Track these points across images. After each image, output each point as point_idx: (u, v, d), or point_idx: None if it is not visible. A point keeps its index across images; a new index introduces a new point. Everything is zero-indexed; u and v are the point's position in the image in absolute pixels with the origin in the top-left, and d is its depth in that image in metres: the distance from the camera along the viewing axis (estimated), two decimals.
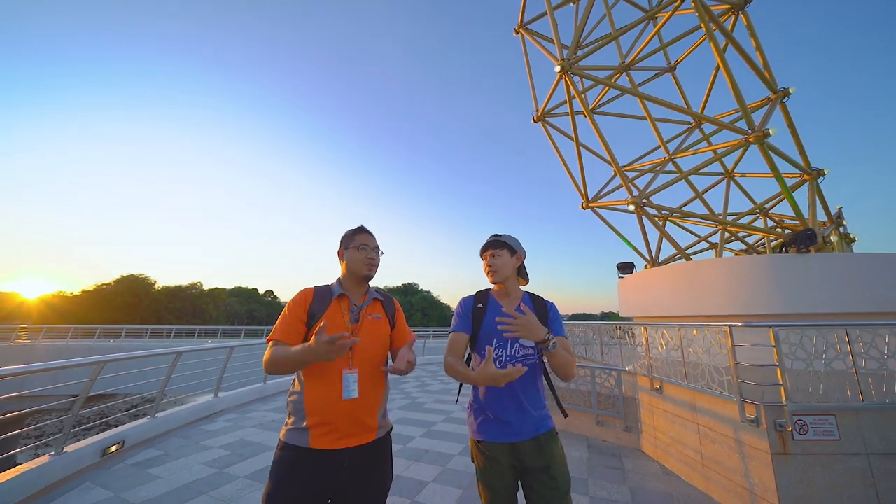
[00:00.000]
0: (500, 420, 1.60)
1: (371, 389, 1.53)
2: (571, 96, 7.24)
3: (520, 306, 1.62)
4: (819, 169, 6.83)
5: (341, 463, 1.42)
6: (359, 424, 1.48)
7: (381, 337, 1.65)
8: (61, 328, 19.16)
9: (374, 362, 1.58)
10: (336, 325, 1.53)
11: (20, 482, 3.12)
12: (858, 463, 2.85)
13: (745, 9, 6.80)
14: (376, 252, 1.71)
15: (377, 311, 1.69)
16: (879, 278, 4.95)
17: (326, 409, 1.44)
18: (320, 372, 1.47)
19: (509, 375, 1.39)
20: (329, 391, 1.45)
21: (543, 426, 1.62)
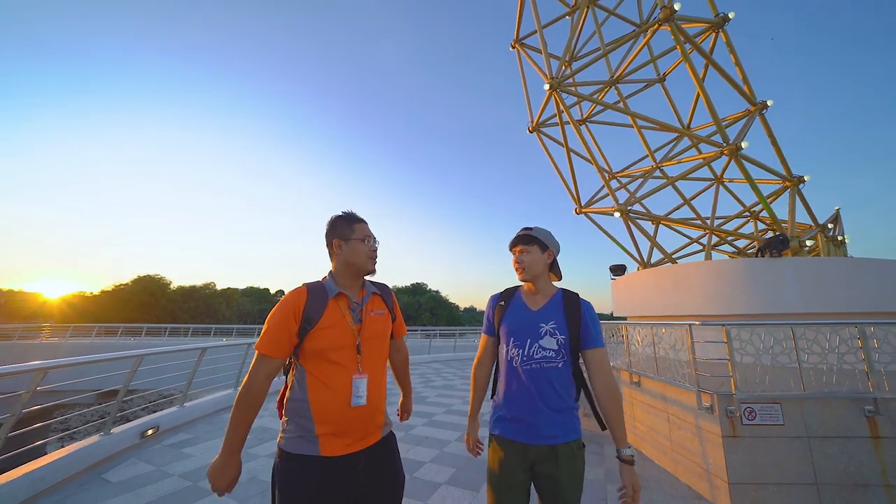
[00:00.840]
0: (514, 418, 1.53)
1: (380, 390, 1.47)
2: (561, 111, 7.64)
3: (623, 485, 1.42)
4: (800, 176, 7.13)
5: (356, 466, 1.35)
6: (370, 426, 1.42)
7: (385, 333, 1.56)
8: (86, 327, 20.21)
9: (381, 361, 1.52)
10: (340, 330, 1.41)
11: (82, 455, 3.70)
12: (800, 445, 3.24)
13: (723, 27, 7.13)
14: (376, 243, 1.58)
15: (379, 305, 1.56)
16: (844, 281, 5.27)
17: (338, 416, 1.34)
18: (330, 379, 1.36)
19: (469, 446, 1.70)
20: (339, 397, 1.35)
21: (564, 435, 1.48)
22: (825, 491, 3.14)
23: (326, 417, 1.33)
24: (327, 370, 1.36)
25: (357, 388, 1.37)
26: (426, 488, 3.46)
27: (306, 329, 1.36)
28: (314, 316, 1.37)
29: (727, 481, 3.17)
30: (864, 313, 4.99)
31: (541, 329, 1.55)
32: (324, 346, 1.37)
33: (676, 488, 3.61)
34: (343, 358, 1.38)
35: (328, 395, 1.34)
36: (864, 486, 3.14)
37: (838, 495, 3.13)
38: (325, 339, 1.37)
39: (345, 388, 1.36)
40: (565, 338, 1.53)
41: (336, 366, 1.37)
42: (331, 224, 1.54)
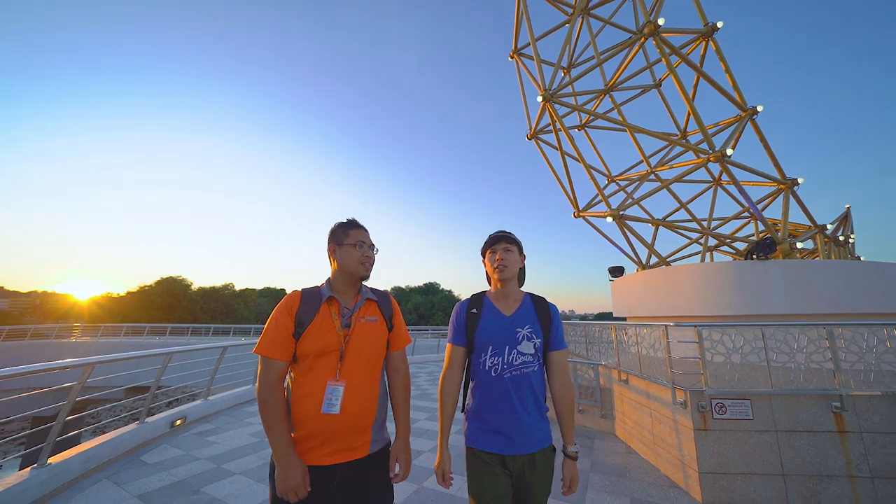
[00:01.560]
0: (494, 430, 1.49)
1: (363, 401, 1.39)
2: (554, 121, 7.91)
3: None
4: (793, 178, 7.20)
5: (331, 479, 1.32)
6: (350, 439, 1.36)
7: (376, 342, 1.50)
8: (115, 327, 21.42)
9: (367, 371, 1.44)
10: (326, 334, 1.40)
11: (123, 440, 4.21)
12: (768, 438, 3.48)
13: (712, 36, 7.25)
14: (372, 250, 1.57)
15: (372, 312, 1.54)
16: (828, 283, 5.39)
17: (311, 421, 1.32)
18: (307, 381, 1.35)
19: (444, 478, 1.53)
20: (314, 403, 1.32)
21: (541, 442, 1.50)
22: (791, 481, 3.37)
23: (303, 422, 1.31)
24: (309, 375, 1.35)
25: (329, 395, 1.32)
26: (423, 473, 3.83)
27: (299, 332, 1.37)
28: (305, 319, 1.39)
29: (697, 471, 3.43)
30: (850, 314, 5.11)
31: (518, 334, 1.54)
32: (310, 350, 1.36)
33: (656, 478, 3.88)
34: (325, 363, 1.36)
35: (305, 400, 1.32)
36: (828, 478, 3.35)
37: (803, 485, 3.35)
38: (312, 342, 1.36)
39: (317, 394, 1.32)
40: (540, 341, 1.54)
41: (317, 371, 1.35)
42: (331, 230, 1.58)
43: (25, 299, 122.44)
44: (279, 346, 1.35)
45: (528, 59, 9.10)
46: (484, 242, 1.72)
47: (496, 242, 1.66)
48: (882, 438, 3.39)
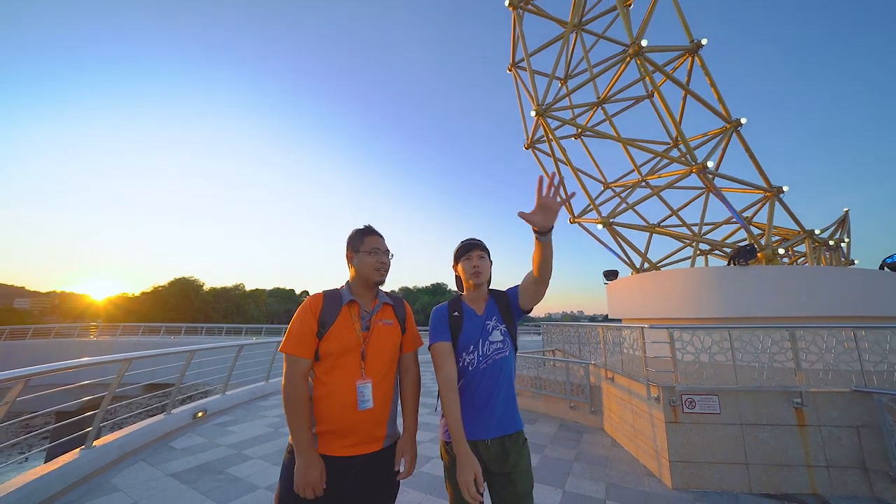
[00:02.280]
0: (468, 416, 1.57)
1: (381, 398, 1.49)
2: (547, 133, 8.27)
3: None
4: (779, 186, 7.45)
5: (349, 470, 1.40)
6: (369, 434, 1.45)
7: (393, 343, 1.61)
8: (133, 326, 22.29)
9: (386, 370, 1.55)
10: (347, 335, 1.49)
11: (153, 429, 4.71)
12: (734, 430, 3.81)
13: (698, 52, 7.54)
14: (387, 256, 1.65)
15: (388, 315, 1.64)
16: (803, 288, 5.66)
17: (338, 418, 1.40)
18: (332, 382, 1.43)
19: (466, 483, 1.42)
20: (341, 401, 1.41)
21: (511, 426, 1.60)
22: (754, 469, 3.71)
23: (326, 418, 1.40)
24: (331, 374, 1.43)
25: (362, 393, 1.42)
26: (420, 460, 4.25)
27: (321, 332, 1.45)
28: (328, 320, 1.47)
29: (669, 460, 3.79)
30: (820, 317, 5.38)
31: (487, 326, 1.68)
32: (332, 350, 1.45)
33: (634, 467, 4.24)
34: (348, 362, 1.45)
35: (329, 398, 1.41)
36: (788, 467, 3.68)
37: (765, 473, 3.69)
38: (334, 342, 1.45)
39: (344, 392, 1.41)
40: (504, 327, 1.68)
41: (340, 370, 1.44)
42: (349, 236, 1.65)
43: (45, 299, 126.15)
44: (304, 344, 1.43)
45: (526, 72, 9.47)
46: (456, 249, 1.80)
47: (470, 250, 1.74)
48: (838, 431, 3.71)
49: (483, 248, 1.76)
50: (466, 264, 1.73)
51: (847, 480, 3.60)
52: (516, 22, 9.08)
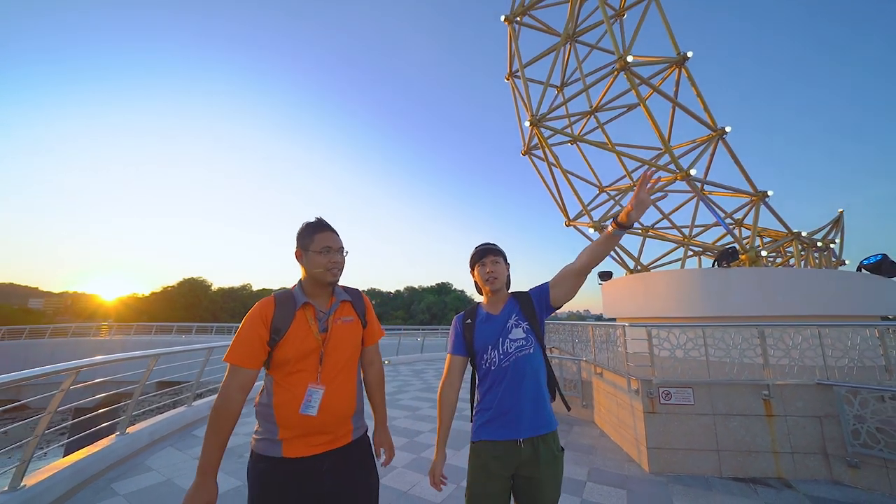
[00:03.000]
0: (497, 416, 1.56)
1: (343, 398, 1.46)
2: (541, 141, 8.64)
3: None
4: (763, 191, 7.74)
5: (320, 468, 1.38)
6: (334, 432, 1.43)
7: (353, 341, 1.57)
8: (146, 326, 23.03)
9: (347, 370, 1.51)
10: (304, 339, 1.44)
11: (177, 418, 5.17)
12: (707, 420, 4.16)
13: (684, 64, 7.84)
14: (341, 253, 1.55)
15: (347, 313, 1.58)
16: (780, 288, 5.96)
17: (298, 423, 1.37)
18: (290, 384, 1.39)
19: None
20: (297, 404, 1.37)
21: (544, 426, 1.55)
22: (724, 456, 4.05)
23: (288, 423, 1.35)
24: (291, 378, 1.39)
25: (309, 398, 1.37)
26: (421, 446, 4.65)
27: (275, 339, 1.38)
28: (282, 327, 1.40)
29: (646, 446, 4.15)
30: (798, 316, 5.68)
31: (507, 324, 1.65)
32: (289, 356, 1.39)
33: (617, 454, 4.60)
34: (306, 366, 1.41)
35: (291, 403, 1.36)
36: (756, 453, 4.02)
37: (735, 459, 4.03)
38: (290, 349, 1.40)
39: (302, 395, 1.37)
40: (527, 324, 1.65)
41: (299, 374, 1.40)
42: (297, 232, 1.53)
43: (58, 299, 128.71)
44: (250, 354, 1.37)
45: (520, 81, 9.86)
46: (471, 255, 1.80)
47: (484, 256, 1.74)
48: (802, 421, 4.05)
49: (497, 253, 1.75)
50: (481, 270, 1.73)
51: (809, 465, 3.94)
52: (512, 35, 9.48)
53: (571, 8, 8.80)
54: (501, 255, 1.76)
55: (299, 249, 1.52)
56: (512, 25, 9.66)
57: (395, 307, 69.82)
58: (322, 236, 1.50)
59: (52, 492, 3.09)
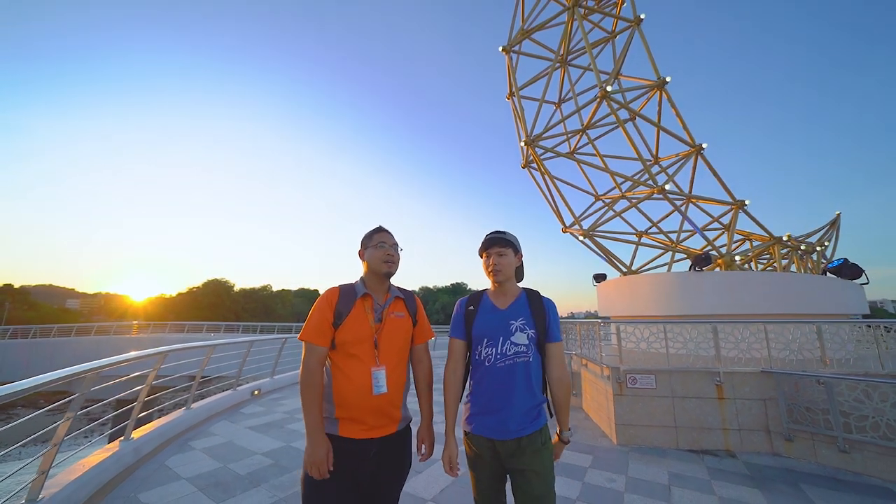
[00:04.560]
0: (485, 414, 1.60)
1: (394, 384, 1.58)
2: (535, 160, 9.48)
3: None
4: (742, 200, 8.34)
5: (369, 451, 1.52)
6: (385, 417, 1.56)
7: (404, 334, 1.69)
8: (179, 324, 24.84)
9: (398, 358, 1.63)
10: (361, 325, 1.58)
11: (226, 399, 6.25)
12: (666, 401, 4.92)
13: (664, 87, 8.49)
14: (395, 249, 1.73)
15: (400, 308, 1.72)
16: (746, 290, 6.60)
17: (355, 403, 1.51)
18: (349, 369, 1.53)
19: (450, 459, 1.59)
20: (357, 386, 1.51)
21: (528, 427, 1.56)
22: (681, 431, 4.81)
23: (344, 403, 1.51)
24: (348, 362, 1.54)
25: (377, 379, 1.52)
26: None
27: (337, 323, 1.55)
28: (343, 311, 1.57)
29: (615, 423, 4.94)
30: (758, 315, 6.29)
31: (511, 326, 1.63)
32: (347, 339, 1.55)
33: (594, 432, 5.39)
34: (362, 352, 1.55)
35: (347, 384, 1.51)
36: (708, 429, 4.77)
37: (690, 434, 4.79)
38: (349, 332, 1.56)
39: (360, 378, 1.51)
40: (534, 332, 1.62)
41: (355, 358, 1.54)
42: (363, 237, 1.79)
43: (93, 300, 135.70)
44: (321, 333, 1.55)
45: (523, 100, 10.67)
46: (481, 243, 1.77)
47: (489, 247, 1.72)
48: (749, 403, 4.77)
49: (504, 244, 1.71)
50: (485, 262, 1.73)
51: (753, 440, 4.67)
52: (509, 65, 10.32)
53: (564, 34, 9.59)
54: (510, 246, 1.71)
55: (362, 249, 1.76)
56: (509, 55, 10.52)
57: None
58: (379, 235, 1.75)
59: (152, 442, 4.19)
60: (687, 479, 3.84)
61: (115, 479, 3.49)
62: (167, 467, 3.79)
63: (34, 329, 22.14)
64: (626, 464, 4.23)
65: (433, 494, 3.32)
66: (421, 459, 1.70)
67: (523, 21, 10.36)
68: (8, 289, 53.50)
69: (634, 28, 8.65)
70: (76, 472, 3.19)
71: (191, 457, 4.09)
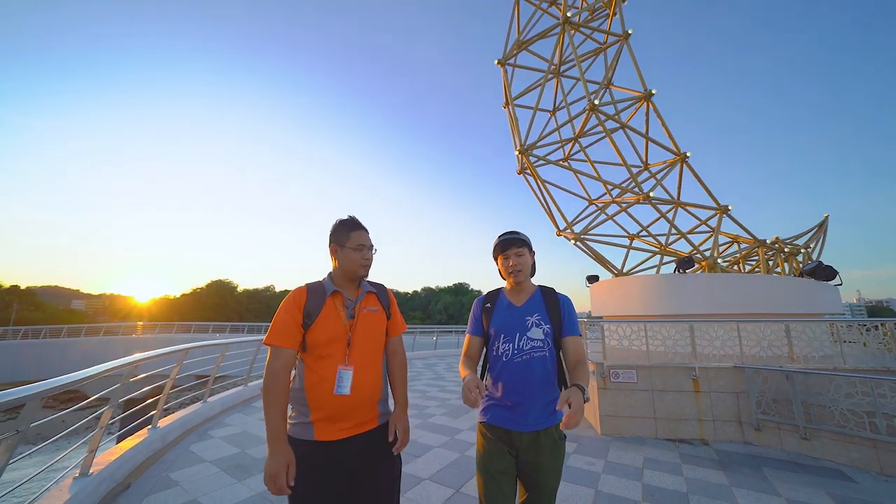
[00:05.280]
0: (504, 407, 1.61)
1: (370, 381, 1.55)
2: (529, 167, 9.95)
3: (567, 403, 1.33)
4: (725, 205, 8.74)
5: (349, 451, 1.48)
6: (362, 415, 1.53)
7: (378, 329, 1.66)
8: (186, 325, 25.37)
9: (372, 355, 1.61)
10: (333, 324, 1.54)
11: (240, 394, 6.69)
12: (647, 394, 5.32)
13: (650, 99, 8.91)
14: (371, 250, 1.67)
15: (372, 303, 1.68)
16: (725, 291, 7.00)
17: (330, 404, 1.46)
18: (322, 370, 1.49)
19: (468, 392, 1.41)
20: (328, 387, 1.47)
21: (546, 421, 1.58)
22: (660, 422, 5.21)
23: (319, 405, 1.47)
24: (321, 362, 1.49)
25: (340, 378, 1.48)
26: (427, 415, 5.98)
27: (308, 323, 1.50)
28: (313, 311, 1.52)
29: (599, 414, 5.35)
30: (736, 314, 6.68)
31: (527, 322, 1.66)
32: (320, 340, 1.51)
33: (582, 423, 5.70)
34: (335, 350, 1.52)
35: (320, 385, 1.47)
36: (684, 420, 5.17)
37: (668, 425, 5.18)
38: (321, 332, 1.51)
39: (333, 378, 1.47)
40: (549, 327, 1.65)
41: (328, 358, 1.50)
42: (333, 228, 1.66)
43: (97, 301, 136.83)
44: (288, 335, 1.49)
45: (518, 108, 11.11)
46: (494, 245, 1.79)
47: (507, 248, 1.74)
48: (723, 396, 5.16)
49: (521, 244, 1.74)
50: (504, 263, 1.75)
51: (726, 430, 5.06)
52: (504, 77, 10.74)
53: (557, 46, 10.02)
54: (526, 246, 1.75)
55: (335, 245, 1.65)
56: (504, 67, 10.91)
57: (413, 307, 71.38)
58: (357, 234, 1.64)
59: (175, 431, 4.61)
60: (660, 462, 4.24)
61: (146, 461, 3.92)
62: (191, 452, 4.22)
63: (44, 329, 22.70)
64: (607, 450, 4.63)
65: (430, 474, 3.71)
66: (395, 449, 1.57)
67: (519, 33, 10.82)
68: (15, 290, 54.19)
69: (623, 42, 9.08)
70: (115, 454, 3.62)
71: (211, 444, 4.52)
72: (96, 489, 3.04)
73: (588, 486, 3.56)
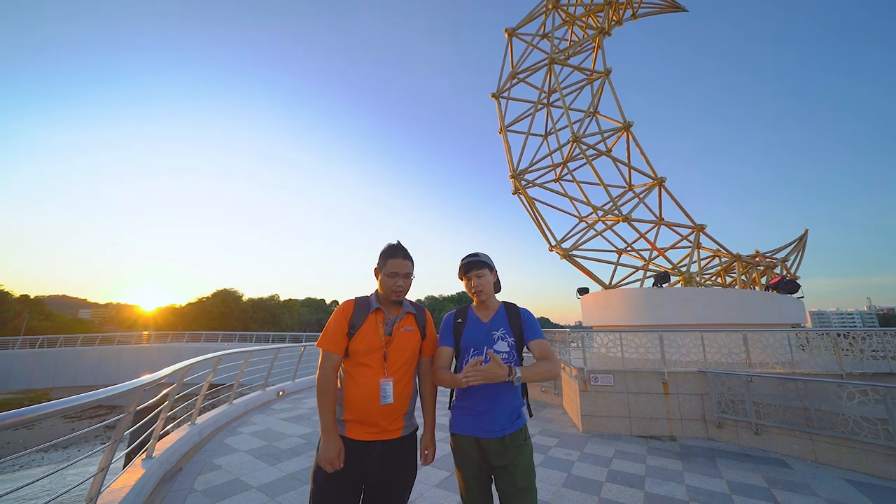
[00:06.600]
0: (471, 414, 1.75)
1: (400, 394, 1.69)
2: (521, 191, 10.82)
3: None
4: (702, 224, 9.50)
5: (372, 452, 1.64)
6: (390, 423, 1.67)
7: (412, 347, 1.79)
8: (196, 334, 26.07)
9: (405, 370, 1.75)
10: (372, 337, 1.70)
11: (258, 397, 7.39)
12: (622, 396, 5.99)
13: (629, 129, 9.77)
14: (406, 279, 1.80)
15: (410, 323, 1.83)
16: (700, 303, 7.69)
17: (363, 409, 1.64)
18: (359, 377, 1.66)
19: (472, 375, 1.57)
20: (366, 395, 1.63)
21: (511, 426, 1.71)
22: (634, 420, 5.86)
23: (352, 407, 1.66)
24: (359, 370, 1.68)
25: (384, 390, 1.65)
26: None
27: (351, 333, 1.70)
28: (357, 323, 1.72)
29: (581, 414, 6.01)
30: (705, 325, 7.35)
31: (493, 336, 1.83)
32: (359, 349, 1.69)
33: (566, 422, 6.45)
34: (372, 361, 1.69)
35: (356, 390, 1.66)
36: (656, 419, 5.82)
37: (641, 423, 5.84)
38: (361, 342, 1.70)
39: (369, 386, 1.65)
40: (513, 340, 1.82)
41: (366, 367, 1.68)
42: (381, 251, 1.84)
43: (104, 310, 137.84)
44: (336, 342, 1.69)
45: (512, 134, 12.01)
46: (459, 267, 1.94)
47: (468, 270, 1.89)
48: (689, 397, 5.83)
49: (481, 266, 1.89)
50: (467, 285, 1.92)
51: (692, 427, 5.71)
52: (499, 108, 11.68)
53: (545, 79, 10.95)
54: (486, 266, 1.90)
55: (376, 268, 1.84)
56: (498, 100, 11.82)
57: None
58: (392, 263, 1.78)
59: (209, 427, 5.32)
60: (628, 454, 4.90)
61: (190, 450, 4.63)
62: (227, 444, 4.92)
63: (60, 339, 23.48)
64: (585, 444, 5.29)
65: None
66: (424, 463, 1.80)
67: (513, 67, 11.78)
68: (25, 299, 55.11)
69: (605, 78, 9.98)
70: (167, 443, 4.34)
71: (242, 438, 5.21)
72: (160, 467, 3.76)
73: (562, 471, 4.24)
